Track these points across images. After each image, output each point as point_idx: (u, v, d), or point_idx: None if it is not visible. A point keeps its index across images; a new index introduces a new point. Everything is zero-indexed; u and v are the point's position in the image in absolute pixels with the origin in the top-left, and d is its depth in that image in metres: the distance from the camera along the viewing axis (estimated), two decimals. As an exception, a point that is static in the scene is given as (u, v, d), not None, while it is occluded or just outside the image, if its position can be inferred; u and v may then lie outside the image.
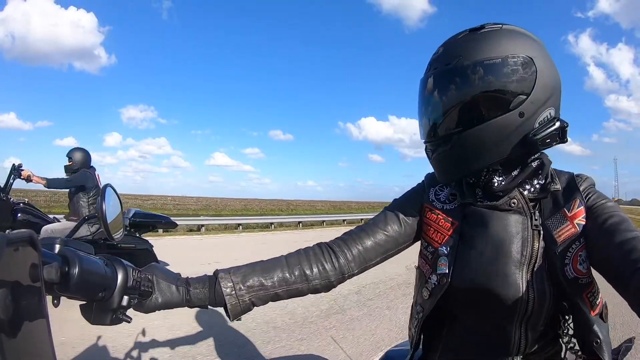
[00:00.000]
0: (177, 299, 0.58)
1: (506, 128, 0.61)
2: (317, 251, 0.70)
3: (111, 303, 0.50)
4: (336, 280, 0.69)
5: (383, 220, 0.75)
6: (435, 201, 0.74)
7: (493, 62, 0.60)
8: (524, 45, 0.62)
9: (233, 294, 0.61)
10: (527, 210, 0.65)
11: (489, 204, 0.67)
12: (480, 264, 0.64)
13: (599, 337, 0.62)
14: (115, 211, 0.56)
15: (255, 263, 0.67)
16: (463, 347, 0.70)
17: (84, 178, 3.50)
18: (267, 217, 17.08)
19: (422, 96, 0.69)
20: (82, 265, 0.44)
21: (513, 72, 0.60)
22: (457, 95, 0.63)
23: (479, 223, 0.67)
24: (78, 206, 3.46)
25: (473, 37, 0.64)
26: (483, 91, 0.61)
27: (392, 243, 0.73)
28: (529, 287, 0.62)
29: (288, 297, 0.67)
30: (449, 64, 0.63)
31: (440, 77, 0.65)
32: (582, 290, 0.62)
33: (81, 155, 3.65)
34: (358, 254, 0.71)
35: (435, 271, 0.68)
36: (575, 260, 0.61)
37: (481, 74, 0.60)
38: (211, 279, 0.62)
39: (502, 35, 0.63)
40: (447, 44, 0.67)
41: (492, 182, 0.66)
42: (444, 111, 0.65)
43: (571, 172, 0.70)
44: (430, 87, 0.66)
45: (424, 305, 0.70)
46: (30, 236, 0.33)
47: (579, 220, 0.63)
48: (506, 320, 0.64)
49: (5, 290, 0.31)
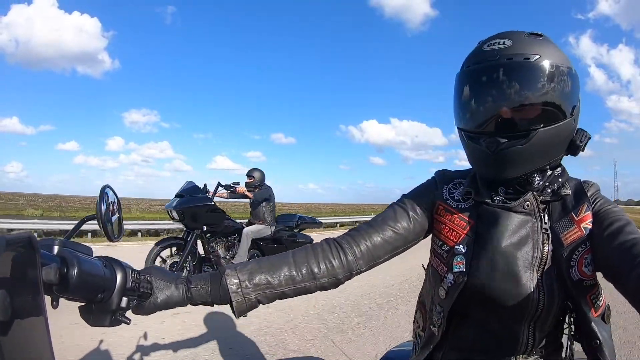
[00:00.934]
0: (178, 297, 0.57)
1: (567, 131, 0.66)
2: (325, 247, 0.69)
3: (110, 304, 0.49)
4: (344, 278, 0.69)
5: (392, 216, 0.74)
6: (450, 199, 0.73)
7: (566, 69, 0.64)
8: (567, 57, 0.67)
9: (239, 292, 0.60)
10: (538, 214, 0.67)
11: (502, 205, 0.68)
12: (494, 263, 0.65)
13: (598, 338, 0.62)
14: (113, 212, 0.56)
15: (262, 260, 0.66)
16: (470, 345, 0.70)
17: (269, 192, 4.72)
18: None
19: (491, 83, 0.64)
20: (81, 266, 0.44)
21: (575, 80, 0.65)
22: (542, 91, 0.63)
23: (493, 223, 0.67)
24: (262, 213, 4.64)
25: (539, 40, 0.66)
26: (562, 93, 0.64)
27: (401, 240, 0.72)
28: (539, 289, 0.63)
29: (295, 295, 0.66)
30: (529, 59, 0.62)
31: (522, 69, 0.63)
32: (585, 292, 0.63)
33: (259, 174, 4.84)
34: (367, 250, 0.70)
35: (452, 270, 0.67)
36: (580, 262, 0.63)
37: (561, 77, 0.63)
38: (214, 276, 0.61)
39: (556, 46, 0.67)
40: (514, 38, 0.65)
41: (532, 180, 0.68)
42: (525, 105, 0.63)
43: (578, 178, 0.72)
44: (507, 76, 0.63)
45: (443, 304, 0.69)
46: (29, 237, 0.33)
47: (586, 224, 0.65)
48: (515, 320, 0.65)
49: (4, 292, 0.31)
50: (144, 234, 10.70)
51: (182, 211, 4.14)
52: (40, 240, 0.41)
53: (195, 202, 4.22)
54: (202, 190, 4.40)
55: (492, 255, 0.65)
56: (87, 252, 0.48)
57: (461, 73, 0.70)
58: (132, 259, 0.86)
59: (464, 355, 0.70)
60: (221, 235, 4.42)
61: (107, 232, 0.53)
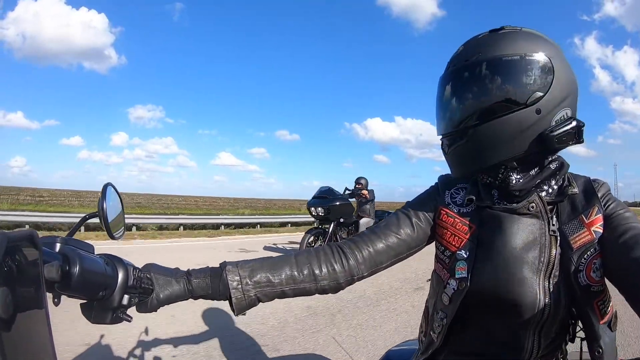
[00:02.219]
0: (179, 291, 0.57)
1: (522, 123, 0.62)
2: (328, 251, 0.69)
3: (112, 302, 0.50)
4: (345, 282, 0.68)
5: (395, 223, 0.73)
6: (452, 204, 0.72)
7: (511, 59, 0.61)
8: (542, 46, 0.63)
9: (239, 288, 0.60)
10: (545, 215, 0.64)
11: (506, 207, 0.66)
12: (498, 269, 0.63)
13: (601, 347, 0.61)
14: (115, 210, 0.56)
15: (264, 258, 0.66)
16: (473, 349, 0.68)
17: (374, 195, 6.41)
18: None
19: (441, 92, 0.69)
20: (83, 264, 0.44)
21: (531, 69, 0.61)
22: (474, 89, 0.64)
23: (496, 227, 0.65)
24: (368, 209, 6.28)
25: (492, 36, 0.65)
26: (500, 85, 0.62)
27: (404, 246, 0.72)
28: (546, 294, 0.61)
29: (294, 295, 0.65)
30: (467, 60, 0.64)
31: (459, 73, 0.66)
32: (593, 298, 0.61)
33: (365, 180, 6.49)
34: (369, 256, 0.69)
35: (454, 276, 0.66)
36: (589, 267, 0.61)
37: (499, 69, 0.62)
38: (215, 271, 0.61)
39: (521, 35, 0.64)
40: (467, 43, 0.68)
41: (509, 180, 0.66)
42: (461, 105, 0.65)
43: (587, 176, 0.69)
44: (449, 82, 0.67)
45: (446, 310, 0.68)
46: (31, 235, 0.34)
47: (596, 227, 0.62)
48: (521, 326, 0.63)
49: (6, 289, 0.31)
50: (185, 228, 11.11)
51: (329, 207, 5.72)
52: (42, 238, 0.41)
53: (340, 201, 5.87)
54: (339, 192, 6.10)
55: (496, 260, 0.64)
56: (88, 250, 0.48)
57: None
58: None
59: (465, 359, 0.69)
60: (345, 225, 6.04)
61: (109, 231, 0.54)
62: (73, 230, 0.49)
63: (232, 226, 12.60)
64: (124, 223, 0.59)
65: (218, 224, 12.52)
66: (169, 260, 2.10)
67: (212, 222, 12.72)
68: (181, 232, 10.97)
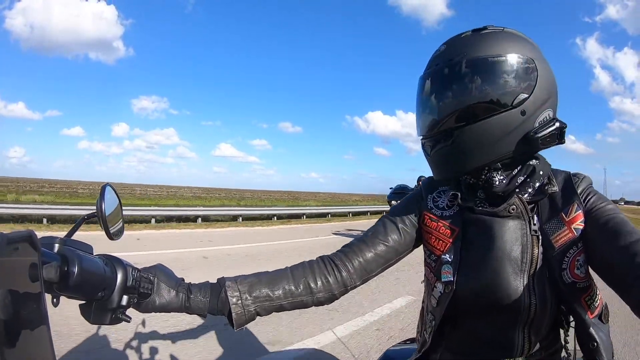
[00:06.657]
0: (176, 304, 0.59)
1: (508, 125, 0.62)
2: (321, 264, 0.71)
3: (110, 302, 0.50)
4: (339, 293, 0.70)
5: (382, 231, 0.75)
6: (434, 208, 0.73)
7: (497, 60, 0.61)
8: (525, 47, 0.63)
9: (239, 304, 0.62)
10: (526, 215, 0.65)
11: (488, 210, 0.66)
12: (483, 271, 0.64)
13: (595, 341, 0.62)
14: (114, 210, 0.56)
15: (261, 273, 0.67)
16: (465, 348, 0.70)
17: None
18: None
19: (422, 92, 0.68)
20: (82, 264, 0.44)
21: (516, 70, 0.61)
22: (460, 90, 0.63)
23: (479, 229, 0.67)
24: None
25: (476, 36, 0.64)
26: (486, 87, 0.61)
27: (392, 253, 0.73)
28: (531, 293, 0.62)
29: (292, 308, 0.67)
30: (452, 60, 0.63)
31: (443, 73, 0.65)
32: (579, 295, 0.62)
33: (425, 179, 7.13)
34: (359, 266, 0.71)
35: (440, 279, 0.68)
36: (572, 265, 0.62)
37: (484, 70, 0.61)
38: (214, 287, 0.62)
39: (504, 36, 0.64)
40: (450, 42, 0.67)
41: (492, 180, 0.66)
42: (445, 106, 0.64)
43: (567, 171, 0.69)
44: (432, 82, 0.66)
45: (435, 313, 0.70)
46: (30, 235, 0.34)
47: (577, 224, 0.63)
48: (509, 325, 0.64)
49: (5, 290, 0.31)
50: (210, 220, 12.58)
51: None
52: (41, 238, 0.41)
53: None
54: (412, 188, 6.57)
55: (480, 263, 0.65)
56: (87, 250, 0.48)
57: None
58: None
59: (460, 357, 0.70)
60: None
61: (107, 231, 0.54)
62: (72, 231, 0.50)
63: (303, 216, 15.14)
64: (123, 223, 0.60)
65: (301, 214, 15.31)
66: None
67: (296, 213, 15.42)
68: (274, 221, 13.38)
